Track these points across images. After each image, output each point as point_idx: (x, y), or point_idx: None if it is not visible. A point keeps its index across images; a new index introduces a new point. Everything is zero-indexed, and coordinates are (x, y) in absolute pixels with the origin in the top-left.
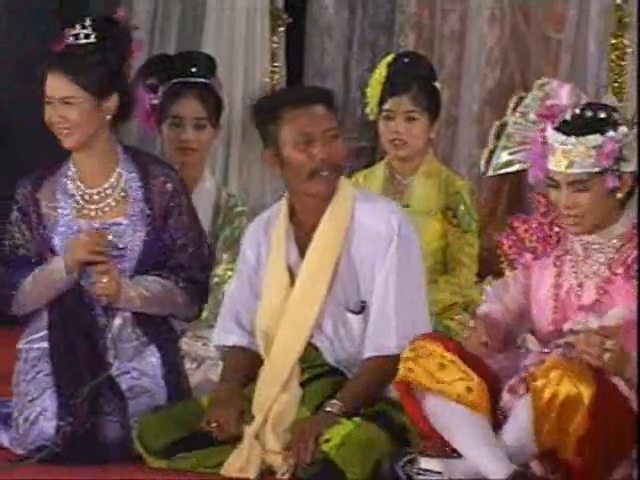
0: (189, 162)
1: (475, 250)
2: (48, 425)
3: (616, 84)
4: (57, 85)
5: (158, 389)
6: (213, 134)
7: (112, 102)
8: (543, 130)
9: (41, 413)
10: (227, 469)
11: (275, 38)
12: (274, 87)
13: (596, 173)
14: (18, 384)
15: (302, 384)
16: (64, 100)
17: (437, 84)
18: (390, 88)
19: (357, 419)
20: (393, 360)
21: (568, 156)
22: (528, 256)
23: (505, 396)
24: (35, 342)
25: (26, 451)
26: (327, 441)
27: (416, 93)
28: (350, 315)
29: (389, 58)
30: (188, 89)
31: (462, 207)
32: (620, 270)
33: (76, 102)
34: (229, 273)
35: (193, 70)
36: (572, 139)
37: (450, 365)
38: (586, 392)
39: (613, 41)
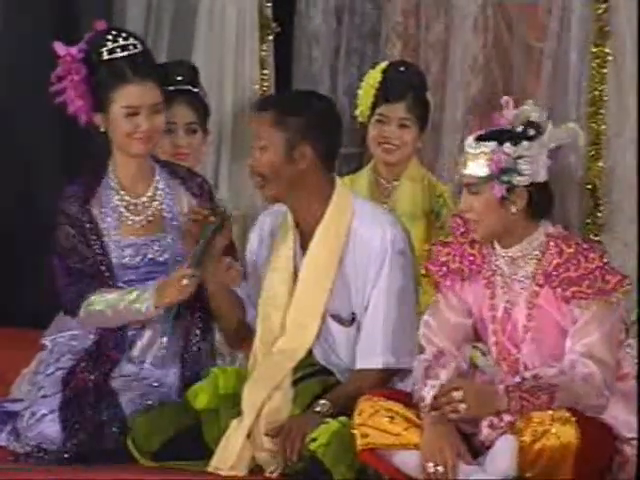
0: None
1: None
2: (51, 427)
3: (597, 92)
4: (146, 93)
5: (170, 400)
6: (203, 139)
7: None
8: None
9: (49, 413)
10: (216, 465)
11: (264, 47)
12: (263, 94)
13: (485, 178)
14: (37, 374)
15: (293, 382)
16: (154, 107)
17: (428, 95)
18: (385, 94)
19: (344, 418)
20: (379, 373)
21: (468, 158)
22: (458, 281)
23: (485, 430)
24: (64, 338)
25: (22, 446)
26: (314, 440)
27: (411, 102)
28: (335, 325)
29: (384, 65)
30: (177, 96)
31: (445, 210)
32: (543, 280)
33: (160, 108)
34: None
35: (179, 78)
36: (474, 143)
37: (397, 416)
38: (573, 442)
39: (594, 50)
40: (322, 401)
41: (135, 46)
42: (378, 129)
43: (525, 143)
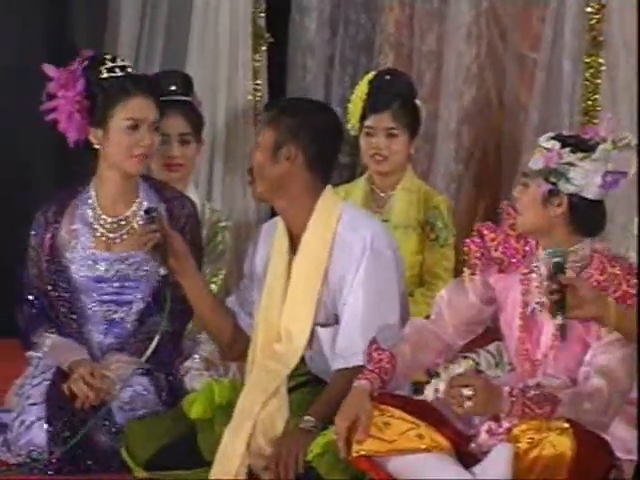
0: (176, 178)
1: (451, 264)
2: (40, 434)
3: (590, 102)
4: (149, 107)
5: (156, 407)
6: (197, 149)
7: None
8: None
9: (37, 420)
10: (217, 476)
11: (257, 56)
12: (257, 104)
13: (536, 172)
14: (23, 386)
15: (288, 391)
16: (154, 124)
17: (417, 101)
18: (371, 105)
19: None
20: (359, 372)
21: (536, 150)
22: (494, 269)
23: (483, 435)
24: None
25: (14, 456)
26: (309, 450)
27: (397, 110)
28: (321, 330)
29: (370, 75)
30: (170, 106)
31: (440, 222)
32: None
33: (158, 128)
34: (212, 286)
35: (173, 88)
36: (546, 138)
37: (393, 420)
38: (568, 453)
39: (587, 60)
40: (306, 417)
41: (132, 68)
42: (367, 141)
43: (580, 154)
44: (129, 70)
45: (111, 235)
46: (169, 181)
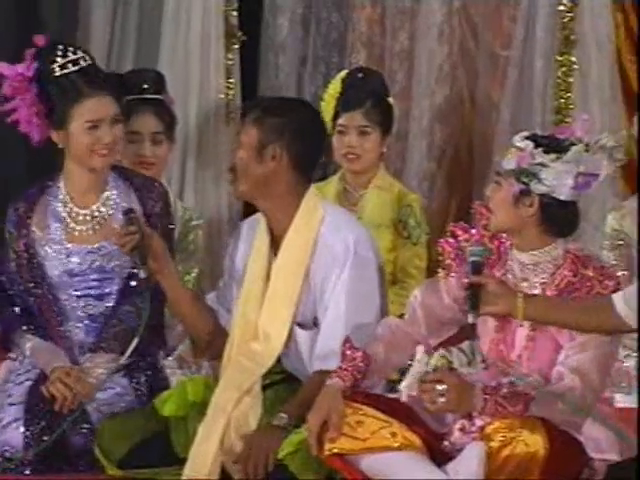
0: None
1: (424, 263)
2: (16, 435)
3: (562, 100)
4: (105, 105)
5: (130, 404)
6: (169, 148)
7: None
8: None
9: (14, 421)
10: (191, 474)
11: (230, 55)
12: (229, 103)
13: (508, 172)
14: (7, 382)
15: (262, 388)
16: (114, 118)
17: (390, 99)
18: (344, 103)
19: None
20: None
21: (509, 150)
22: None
23: (456, 433)
24: None
25: None
26: (281, 449)
27: (369, 108)
28: (299, 331)
29: (343, 74)
30: (143, 105)
31: (412, 220)
32: (552, 294)
33: (120, 119)
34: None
35: (145, 87)
36: (519, 137)
37: (366, 418)
38: (540, 452)
39: (559, 58)
40: (280, 414)
41: (85, 59)
42: (339, 139)
43: (553, 155)
44: (82, 63)
45: (83, 227)
46: None
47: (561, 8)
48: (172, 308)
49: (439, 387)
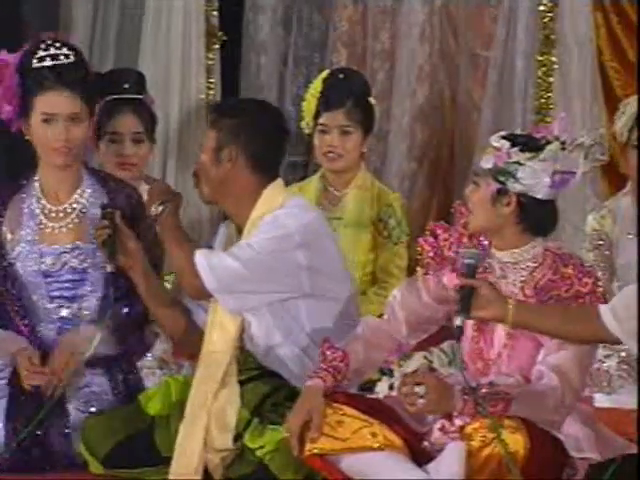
0: (128, 177)
1: (404, 262)
2: None
3: (543, 100)
4: (64, 101)
5: (110, 403)
6: (150, 148)
7: (91, 119)
8: None
9: None
10: (178, 471)
11: (210, 55)
12: (210, 103)
13: (485, 171)
14: None
15: (240, 383)
16: (71, 116)
17: (371, 99)
18: (325, 103)
19: None
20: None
21: (486, 150)
22: (447, 269)
23: (436, 433)
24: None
25: None
26: (261, 447)
27: (350, 108)
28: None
29: (324, 74)
30: (123, 105)
31: (393, 219)
32: (531, 292)
33: (81, 118)
34: (166, 285)
35: (126, 86)
36: (496, 137)
37: (346, 418)
38: (520, 452)
39: (540, 58)
40: None
41: (67, 56)
42: (321, 139)
43: (529, 153)
44: (62, 59)
45: (56, 225)
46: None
47: (541, 8)
48: (147, 306)
49: (418, 389)
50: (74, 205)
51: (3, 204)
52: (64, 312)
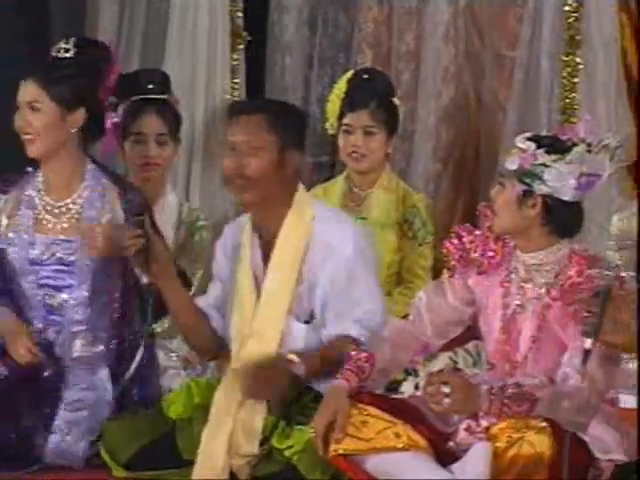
0: (152, 177)
1: (429, 263)
2: None
3: (568, 100)
4: (26, 90)
5: (102, 404)
6: (174, 149)
7: (78, 116)
8: None
9: None
10: (202, 476)
11: (235, 55)
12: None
13: (511, 173)
14: None
15: None
16: (30, 104)
17: (395, 100)
18: (349, 103)
19: None
20: (354, 342)
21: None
22: (473, 271)
23: (462, 433)
24: None
25: None
26: (289, 447)
27: (374, 108)
28: (295, 325)
29: (349, 74)
30: (148, 106)
31: (418, 220)
32: (557, 295)
33: (42, 108)
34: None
35: (150, 87)
36: (521, 138)
37: (371, 418)
38: (546, 452)
39: (565, 58)
40: (295, 358)
41: (67, 50)
42: (345, 139)
43: (555, 155)
44: (62, 52)
45: (51, 219)
46: (146, 180)
47: (567, 8)
48: (173, 316)
49: (444, 388)
50: (72, 204)
51: (4, 190)
52: (49, 300)
